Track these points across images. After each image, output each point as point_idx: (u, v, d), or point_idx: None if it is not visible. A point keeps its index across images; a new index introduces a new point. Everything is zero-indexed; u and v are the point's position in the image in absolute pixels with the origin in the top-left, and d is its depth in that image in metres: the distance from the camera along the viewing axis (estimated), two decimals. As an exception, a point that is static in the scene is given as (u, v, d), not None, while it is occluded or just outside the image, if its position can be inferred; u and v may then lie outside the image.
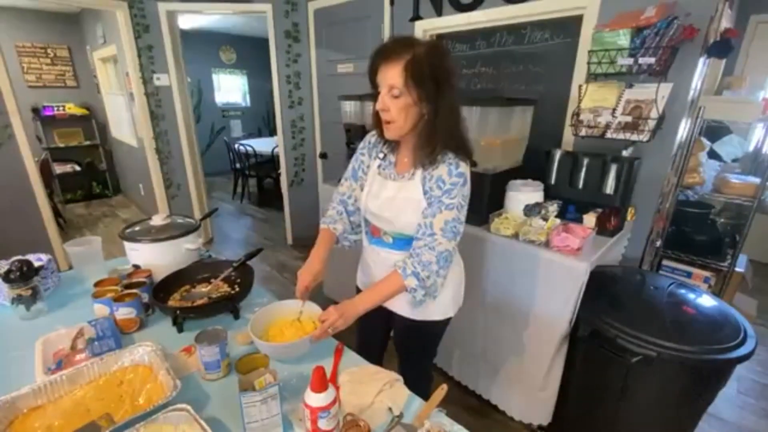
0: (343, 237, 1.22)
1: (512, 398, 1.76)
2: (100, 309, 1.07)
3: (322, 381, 0.69)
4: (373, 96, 1.00)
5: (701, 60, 1.54)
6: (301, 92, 3.34)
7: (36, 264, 1.22)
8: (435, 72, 0.91)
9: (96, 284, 1.17)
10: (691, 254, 1.78)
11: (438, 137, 0.97)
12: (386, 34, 2.59)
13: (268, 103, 6.71)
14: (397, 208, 1.06)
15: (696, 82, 1.57)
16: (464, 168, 1.00)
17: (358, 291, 1.34)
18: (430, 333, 1.24)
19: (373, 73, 0.97)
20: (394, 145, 1.10)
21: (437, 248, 0.98)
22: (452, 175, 0.98)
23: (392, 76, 0.91)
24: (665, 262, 1.86)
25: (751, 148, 2.14)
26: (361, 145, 1.19)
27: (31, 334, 1.01)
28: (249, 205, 5.27)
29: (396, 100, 0.94)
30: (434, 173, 1.00)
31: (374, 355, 1.41)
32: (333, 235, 1.19)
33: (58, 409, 0.79)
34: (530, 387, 1.65)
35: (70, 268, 1.45)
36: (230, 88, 6.93)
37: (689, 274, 1.81)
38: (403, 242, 1.10)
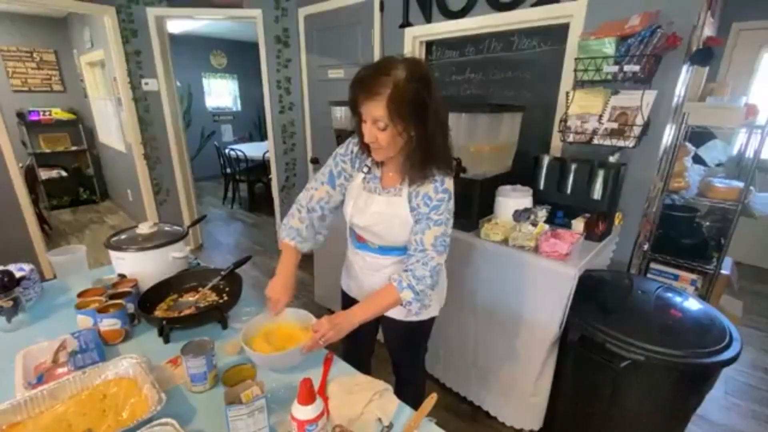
0: (309, 250, 1.19)
1: (503, 404, 1.76)
2: (84, 320, 1.04)
3: (309, 393, 0.68)
4: (356, 122, 0.98)
5: (684, 67, 1.58)
6: (292, 97, 3.34)
7: (18, 274, 1.20)
8: (420, 96, 0.88)
9: (80, 294, 1.15)
10: (677, 257, 1.81)
11: (430, 156, 0.96)
12: (376, 41, 2.59)
13: (259, 108, 6.68)
14: (385, 224, 1.06)
15: (680, 88, 1.60)
16: (449, 184, 1.00)
17: (343, 294, 1.35)
18: (418, 331, 1.27)
19: (354, 104, 0.94)
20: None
21: (430, 263, 1.00)
22: (438, 192, 0.99)
23: (375, 111, 0.89)
24: (653, 266, 1.89)
25: (734, 152, 2.18)
26: (342, 150, 1.13)
27: (12, 347, 0.98)
28: (239, 210, 5.23)
29: (383, 132, 0.92)
30: (420, 190, 1.00)
31: (363, 359, 1.42)
32: (299, 252, 1.15)
33: (38, 426, 0.77)
34: (521, 392, 1.66)
35: (54, 277, 1.42)
36: (221, 92, 6.89)
37: (676, 277, 1.84)
38: (389, 249, 1.11)
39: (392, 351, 1.34)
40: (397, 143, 0.95)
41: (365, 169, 1.10)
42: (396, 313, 1.17)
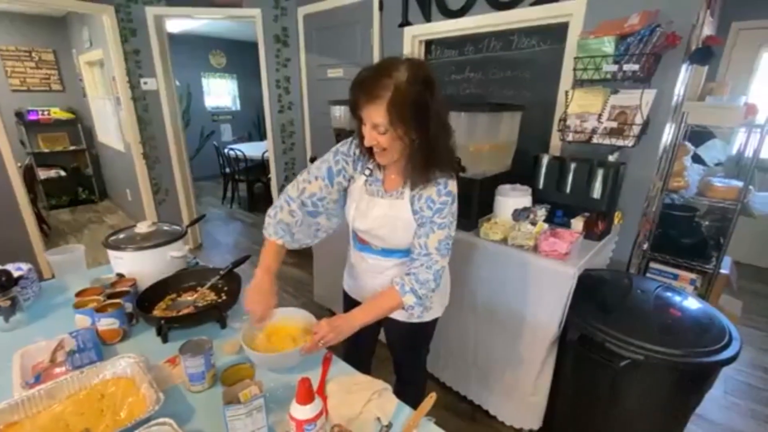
0: (298, 247, 1.14)
1: (503, 403, 1.76)
2: (82, 320, 1.04)
3: (307, 393, 0.68)
4: (357, 125, 0.96)
5: (684, 66, 1.57)
6: (291, 96, 3.33)
7: (16, 274, 1.19)
8: (421, 99, 0.86)
9: (78, 294, 1.14)
10: (677, 257, 1.81)
11: (433, 159, 0.94)
12: (376, 40, 2.59)
13: (258, 108, 6.67)
14: (388, 227, 1.05)
15: (679, 88, 1.60)
16: (452, 186, 0.99)
17: (345, 295, 1.34)
18: (421, 332, 1.26)
19: (354, 106, 0.92)
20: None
21: (434, 267, 0.99)
22: (441, 195, 0.98)
23: (376, 115, 0.87)
24: (652, 265, 1.89)
25: (733, 152, 2.18)
26: (345, 149, 1.08)
27: (10, 347, 0.98)
28: (239, 209, 5.22)
29: (383, 135, 0.90)
30: (423, 193, 0.99)
31: (363, 360, 1.41)
32: (284, 249, 1.09)
33: (35, 425, 0.77)
34: (521, 392, 1.66)
35: (53, 276, 1.42)
36: (220, 92, 6.88)
37: (676, 277, 1.84)
38: (391, 251, 1.10)
39: (395, 352, 1.34)
40: (397, 147, 0.94)
41: (367, 172, 1.08)
42: (399, 314, 1.16)
